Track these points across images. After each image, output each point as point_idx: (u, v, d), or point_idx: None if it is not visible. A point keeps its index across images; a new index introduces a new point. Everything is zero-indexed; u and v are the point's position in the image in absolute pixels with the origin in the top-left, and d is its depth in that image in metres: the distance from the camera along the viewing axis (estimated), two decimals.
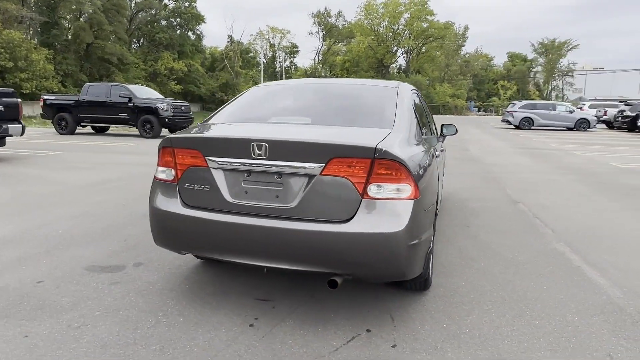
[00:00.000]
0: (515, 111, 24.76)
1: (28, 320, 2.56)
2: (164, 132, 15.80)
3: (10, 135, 8.88)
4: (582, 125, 23.72)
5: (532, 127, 24.16)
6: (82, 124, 15.81)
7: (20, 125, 9.03)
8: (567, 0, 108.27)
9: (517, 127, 24.38)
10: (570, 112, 24.50)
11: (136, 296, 2.90)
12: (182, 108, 16.07)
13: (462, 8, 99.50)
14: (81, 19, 37.34)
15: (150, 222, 2.83)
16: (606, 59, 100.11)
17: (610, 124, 26.63)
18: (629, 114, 23.09)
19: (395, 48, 59.28)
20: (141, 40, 47.86)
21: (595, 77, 63.37)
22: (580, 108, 27.47)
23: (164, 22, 46.53)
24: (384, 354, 2.28)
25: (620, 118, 24.09)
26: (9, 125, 8.71)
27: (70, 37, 37.10)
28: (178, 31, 47.31)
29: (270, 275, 3.23)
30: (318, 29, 64.41)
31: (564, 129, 24.10)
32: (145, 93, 16.37)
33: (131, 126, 15.64)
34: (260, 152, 2.42)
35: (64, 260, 3.51)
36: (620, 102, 28.79)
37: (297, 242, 2.37)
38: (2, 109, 8.64)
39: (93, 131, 17.06)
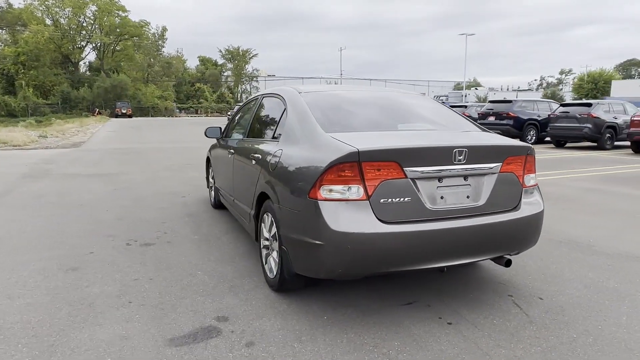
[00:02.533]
0: None
1: None
2: None
3: None
4: None
5: None
6: None
7: None
8: (242, 13, 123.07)
9: None
10: None
11: (304, 345, 2.38)
12: None
13: (145, 7, 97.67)
14: None
15: (323, 252, 2.40)
16: (274, 66, 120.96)
17: None
18: None
19: (84, 43, 52.57)
20: None
21: (270, 83, 76.09)
22: None
23: None
24: (549, 304, 2.87)
25: None
26: None
27: None
28: None
29: (368, 279, 3.18)
30: None
31: None
32: None
33: None
34: (460, 157, 2.55)
35: (101, 349, 2.32)
36: None
37: (487, 235, 2.64)
38: None
39: None
